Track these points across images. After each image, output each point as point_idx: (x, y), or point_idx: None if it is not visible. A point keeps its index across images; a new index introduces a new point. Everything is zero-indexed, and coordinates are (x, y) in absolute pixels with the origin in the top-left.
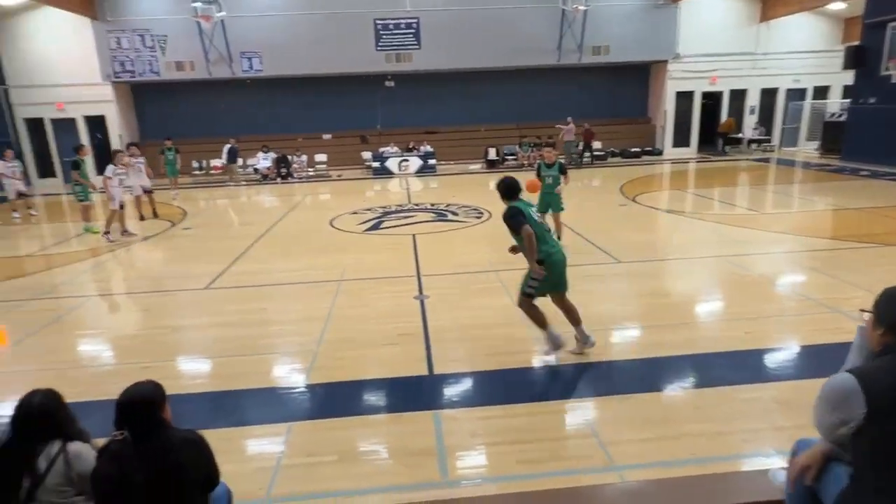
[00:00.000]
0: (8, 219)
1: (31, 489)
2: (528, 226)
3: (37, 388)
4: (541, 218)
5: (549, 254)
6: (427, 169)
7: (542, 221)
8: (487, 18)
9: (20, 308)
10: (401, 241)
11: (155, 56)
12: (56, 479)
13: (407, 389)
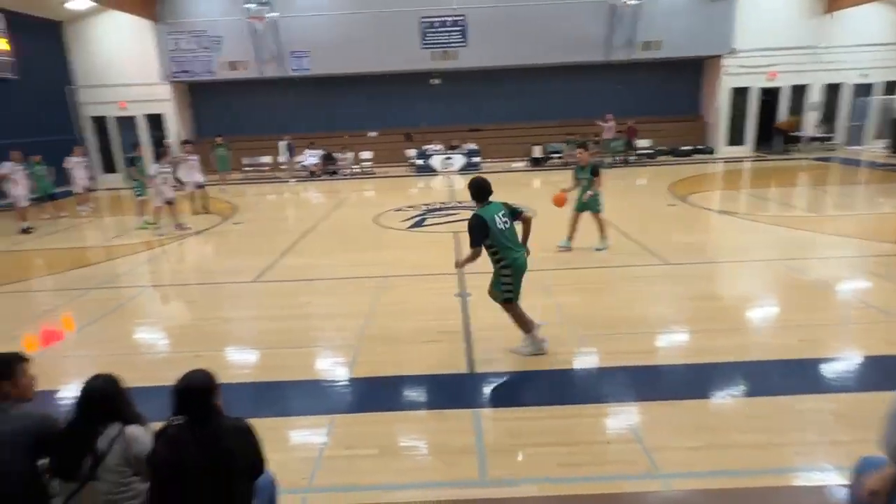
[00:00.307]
0: (75, 212)
1: (93, 467)
2: (477, 249)
3: (98, 372)
4: (503, 223)
5: (513, 259)
6: (471, 167)
7: (507, 224)
8: (535, 14)
9: (84, 296)
10: (443, 238)
11: (210, 56)
12: (115, 459)
13: (447, 387)
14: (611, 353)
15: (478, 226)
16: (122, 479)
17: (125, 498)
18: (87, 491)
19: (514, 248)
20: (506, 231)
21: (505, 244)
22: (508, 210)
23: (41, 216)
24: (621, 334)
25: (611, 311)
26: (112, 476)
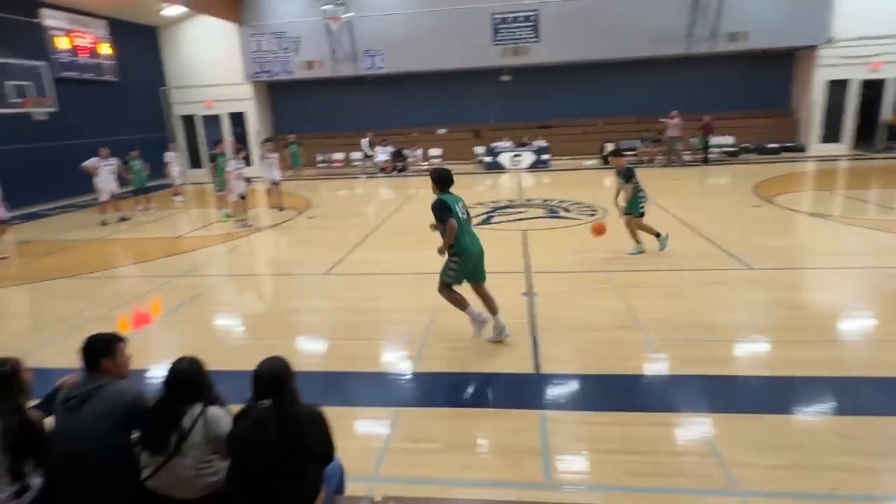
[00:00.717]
0: (164, 203)
1: (178, 443)
2: (452, 219)
3: (184, 355)
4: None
5: (464, 248)
6: (540, 164)
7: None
8: (611, 8)
9: (171, 283)
10: (511, 236)
11: (289, 56)
12: (197, 437)
13: (512, 386)
14: (686, 360)
15: (440, 205)
16: (204, 456)
17: (206, 474)
18: (172, 465)
19: (469, 238)
20: (463, 221)
21: (462, 232)
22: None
23: (135, 207)
24: (698, 341)
25: (687, 316)
26: (195, 452)
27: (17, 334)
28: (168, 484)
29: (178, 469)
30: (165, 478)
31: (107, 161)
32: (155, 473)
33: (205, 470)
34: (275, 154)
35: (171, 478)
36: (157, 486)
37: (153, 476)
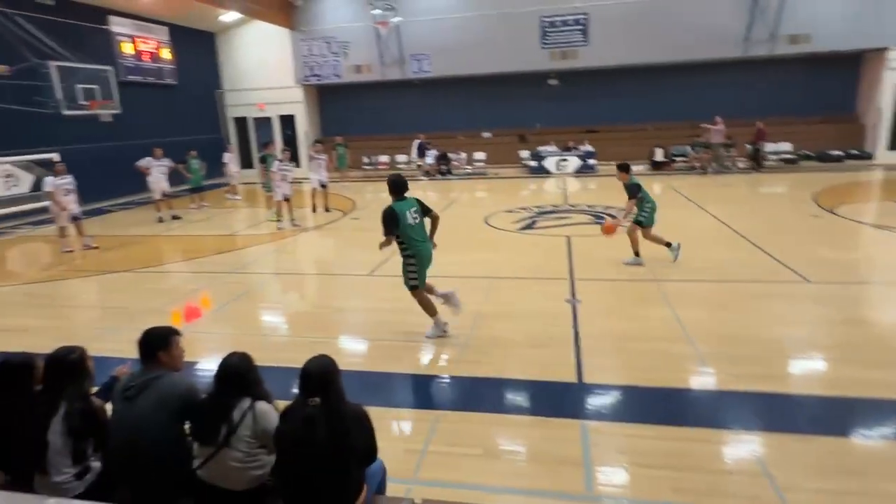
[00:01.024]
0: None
1: (227, 436)
2: (390, 237)
3: (234, 350)
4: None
5: (418, 250)
6: (586, 169)
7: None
8: (664, 10)
9: (220, 280)
10: (555, 241)
11: (338, 61)
12: (245, 431)
13: (554, 394)
14: (737, 375)
15: (390, 217)
16: (251, 450)
17: (253, 467)
18: (221, 456)
19: (419, 241)
20: (415, 225)
21: (412, 237)
22: (420, 207)
23: (188, 205)
24: (750, 355)
25: (739, 329)
26: (242, 445)
27: (80, 323)
28: (217, 474)
29: (226, 460)
30: (214, 468)
31: (159, 161)
32: (205, 463)
33: (252, 463)
34: (323, 156)
35: (219, 468)
36: (207, 475)
37: (203, 466)
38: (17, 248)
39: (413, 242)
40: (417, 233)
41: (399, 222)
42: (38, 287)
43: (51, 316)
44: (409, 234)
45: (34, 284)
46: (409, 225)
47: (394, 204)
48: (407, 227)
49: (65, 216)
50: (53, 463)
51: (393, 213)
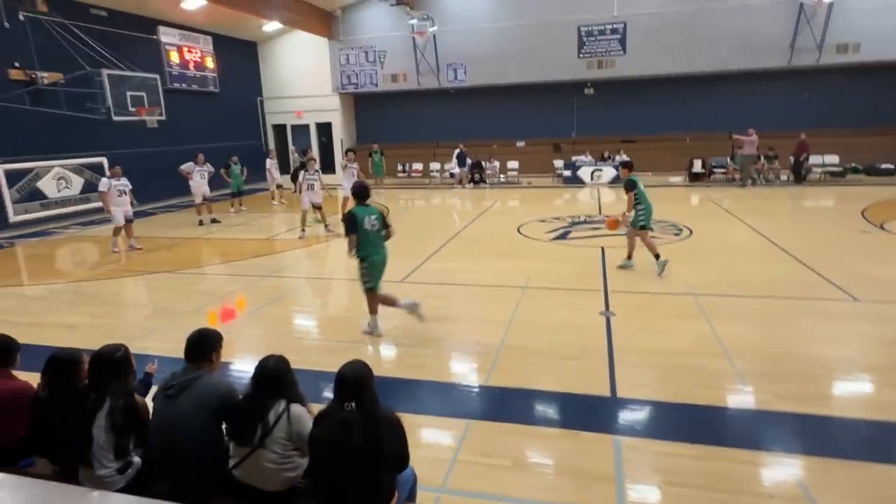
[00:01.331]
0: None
1: (262, 437)
2: (353, 236)
3: (270, 352)
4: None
5: (369, 256)
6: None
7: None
8: (705, 19)
9: (257, 283)
10: (588, 252)
11: (375, 70)
12: (280, 432)
13: (586, 408)
14: (779, 395)
15: (350, 219)
16: (285, 452)
17: (287, 469)
18: (256, 456)
19: (373, 248)
20: (371, 232)
21: (366, 241)
22: (381, 217)
23: (228, 210)
24: (792, 374)
25: (782, 347)
26: (277, 447)
27: (124, 321)
28: (252, 474)
29: (261, 461)
30: (250, 468)
31: (201, 166)
32: (240, 463)
33: (286, 464)
34: (355, 164)
35: (254, 468)
36: (242, 475)
37: (239, 465)
38: (67, 247)
39: (366, 248)
40: (373, 239)
41: (358, 225)
42: (85, 285)
43: (97, 313)
44: (364, 239)
45: (82, 283)
46: (367, 230)
47: (355, 209)
48: (364, 232)
49: (117, 216)
50: (97, 457)
51: (353, 216)
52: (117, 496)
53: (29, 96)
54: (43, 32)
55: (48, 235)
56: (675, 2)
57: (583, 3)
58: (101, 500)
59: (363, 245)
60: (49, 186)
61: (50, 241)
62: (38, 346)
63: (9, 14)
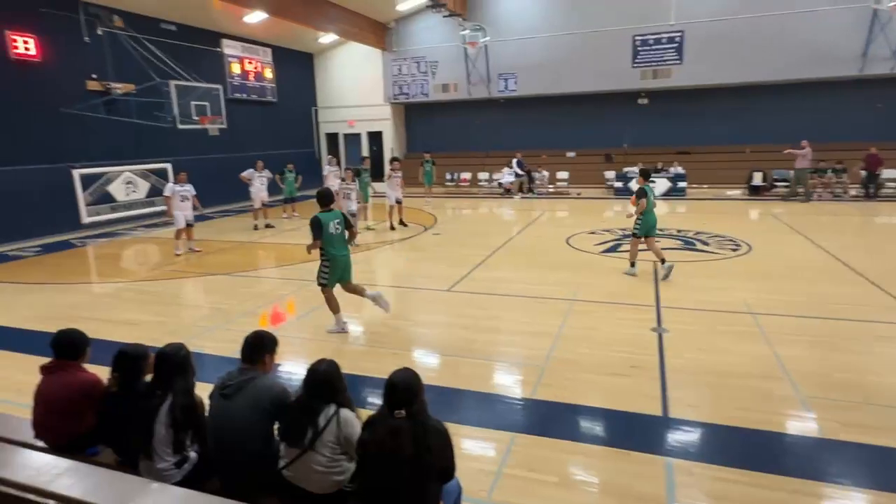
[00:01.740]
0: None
1: (312, 439)
2: (318, 240)
3: (321, 356)
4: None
5: (332, 255)
6: (676, 192)
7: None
8: (769, 27)
9: (308, 287)
10: (640, 266)
11: (426, 80)
12: (329, 436)
13: (636, 426)
14: (846, 424)
15: (315, 223)
16: (334, 455)
17: (334, 472)
18: (305, 458)
19: (336, 248)
20: (336, 234)
21: (331, 242)
22: (343, 221)
23: (281, 215)
24: (862, 403)
25: (850, 373)
26: (325, 450)
27: (182, 321)
28: (300, 476)
29: (310, 463)
30: (299, 469)
31: (261, 173)
32: (290, 464)
33: (334, 468)
34: (399, 173)
35: (303, 470)
36: (292, 476)
37: (288, 466)
38: (132, 248)
39: (330, 249)
40: (336, 241)
41: (322, 229)
42: (148, 285)
43: (157, 312)
44: (329, 240)
45: (145, 282)
46: (331, 233)
47: (320, 214)
48: (328, 235)
49: (179, 220)
50: (157, 450)
51: (318, 221)
52: (174, 489)
53: (104, 106)
54: (118, 46)
55: (116, 236)
56: (736, 10)
57: (638, 11)
58: (160, 491)
59: (328, 245)
60: (118, 190)
61: (117, 241)
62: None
63: (89, 29)
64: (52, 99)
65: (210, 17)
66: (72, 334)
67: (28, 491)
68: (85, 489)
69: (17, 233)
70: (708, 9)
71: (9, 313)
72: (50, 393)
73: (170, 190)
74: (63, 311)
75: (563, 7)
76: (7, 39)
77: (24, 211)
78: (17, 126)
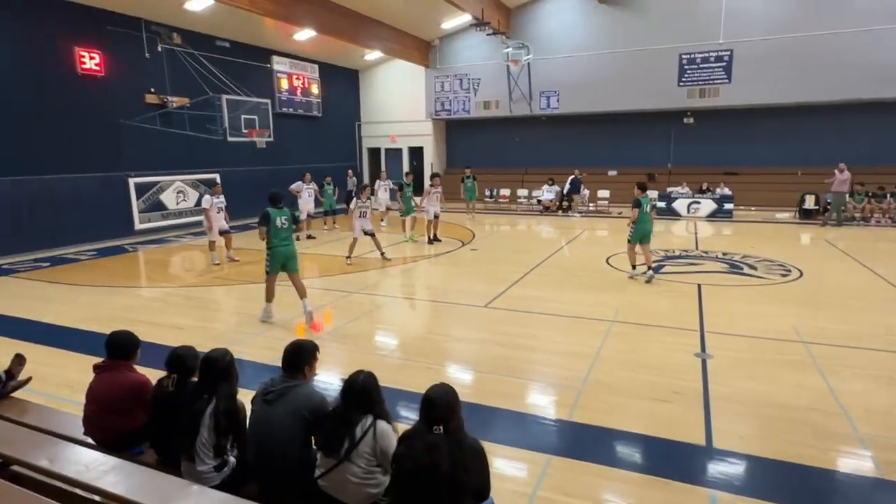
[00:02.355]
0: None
1: (349, 449)
2: (263, 228)
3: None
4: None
5: (275, 245)
6: (721, 213)
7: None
8: (821, 46)
9: (346, 298)
10: (683, 289)
11: (468, 97)
12: (365, 448)
13: (677, 455)
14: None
15: (263, 216)
16: (369, 467)
17: (369, 484)
18: (341, 469)
19: (280, 241)
20: (282, 229)
21: (275, 235)
22: (290, 217)
23: (321, 227)
24: None
25: None
26: (361, 461)
27: (224, 327)
28: (335, 486)
29: (345, 474)
30: (334, 479)
31: (309, 186)
32: (326, 474)
33: (369, 480)
34: (439, 188)
35: (339, 480)
36: (327, 486)
37: (324, 476)
38: (180, 254)
39: (274, 241)
40: (282, 235)
41: (270, 222)
42: (193, 290)
43: (201, 318)
44: (274, 233)
45: (191, 287)
46: (277, 227)
47: (270, 209)
48: (274, 228)
49: (215, 231)
50: (199, 453)
51: (267, 214)
52: (213, 492)
53: (160, 118)
54: (175, 61)
55: (165, 243)
56: (788, 28)
57: (686, 30)
58: (199, 494)
59: (273, 238)
60: (169, 199)
61: (166, 248)
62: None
63: (150, 46)
64: (114, 111)
65: (261, 34)
66: (124, 335)
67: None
68: (129, 487)
69: (76, 236)
70: (759, 27)
71: (66, 314)
72: (100, 391)
73: (207, 202)
74: (116, 312)
75: (608, 25)
76: (76, 55)
77: (84, 216)
78: (81, 136)
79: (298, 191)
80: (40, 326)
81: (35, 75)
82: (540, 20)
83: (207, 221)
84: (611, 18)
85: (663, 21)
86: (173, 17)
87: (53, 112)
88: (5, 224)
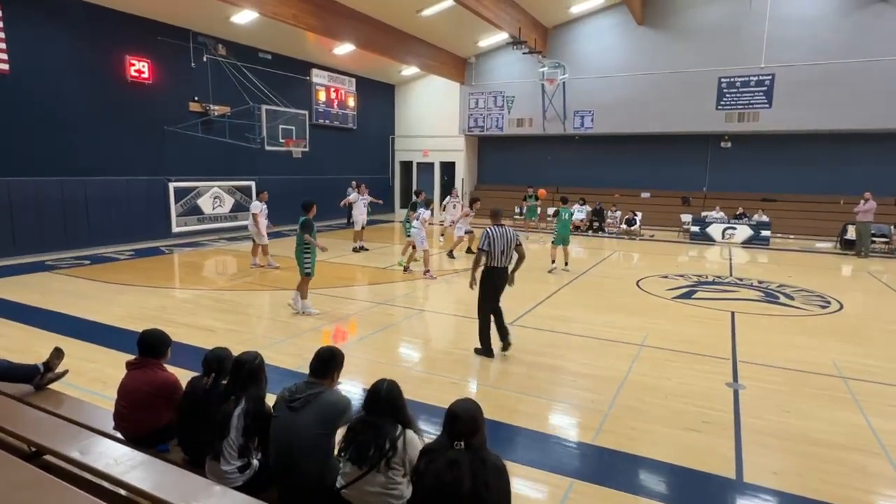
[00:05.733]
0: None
1: (379, 459)
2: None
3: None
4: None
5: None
6: (758, 240)
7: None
8: (866, 71)
9: (372, 309)
10: (716, 316)
11: (502, 114)
12: (396, 458)
13: (706, 487)
14: None
15: (307, 223)
16: (395, 477)
17: (392, 496)
18: (367, 478)
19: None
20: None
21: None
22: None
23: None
24: None
25: None
26: (388, 471)
27: (254, 331)
28: (360, 496)
29: (371, 483)
30: (360, 488)
31: (363, 196)
32: (351, 484)
33: (392, 491)
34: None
35: (364, 490)
36: (351, 496)
37: (349, 486)
38: (213, 258)
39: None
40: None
41: (313, 229)
42: (225, 294)
43: (232, 321)
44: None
45: (223, 291)
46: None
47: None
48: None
49: (265, 235)
50: (224, 453)
51: (310, 222)
52: (235, 493)
53: (202, 125)
54: (219, 71)
55: (200, 246)
56: (831, 54)
57: (726, 53)
58: (222, 494)
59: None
60: (206, 204)
61: (201, 251)
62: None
63: (196, 56)
64: (158, 117)
65: (303, 48)
66: (156, 334)
67: (104, 478)
68: (154, 483)
69: (116, 237)
70: (801, 52)
71: (103, 311)
72: (131, 387)
73: (258, 207)
74: (150, 312)
75: (646, 47)
76: (126, 63)
77: (124, 218)
78: (127, 140)
79: (354, 202)
80: (79, 322)
81: (90, 81)
82: (577, 41)
83: (256, 226)
84: (649, 40)
85: (703, 44)
86: (220, 28)
87: (104, 117)
88: (55, 222)
